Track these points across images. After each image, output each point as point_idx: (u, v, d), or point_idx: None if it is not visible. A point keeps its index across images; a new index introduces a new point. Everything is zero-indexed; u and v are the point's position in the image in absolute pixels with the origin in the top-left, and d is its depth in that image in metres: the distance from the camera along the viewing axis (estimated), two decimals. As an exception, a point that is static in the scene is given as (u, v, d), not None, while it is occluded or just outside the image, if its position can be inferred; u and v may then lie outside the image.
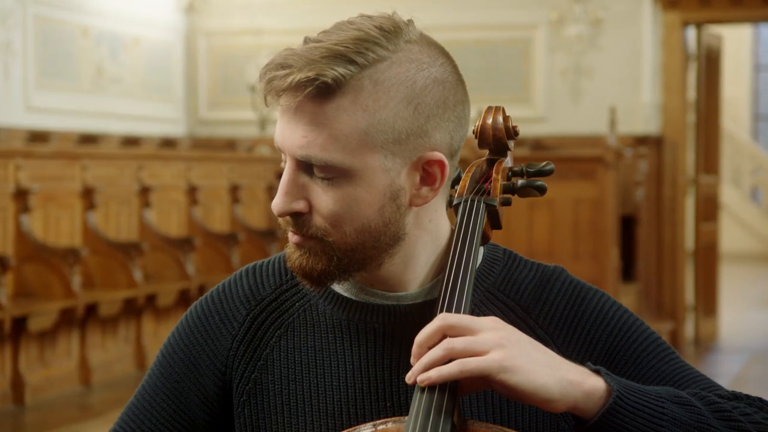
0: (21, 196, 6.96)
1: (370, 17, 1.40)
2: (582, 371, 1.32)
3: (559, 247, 8.08)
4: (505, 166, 1.54)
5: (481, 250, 1.52)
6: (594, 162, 8.11)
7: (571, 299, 1.49)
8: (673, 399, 1.35)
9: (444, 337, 1.30)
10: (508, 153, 1.56)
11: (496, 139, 1.53)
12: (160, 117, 10.37)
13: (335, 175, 1.38)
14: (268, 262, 1.56)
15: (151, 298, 7.74)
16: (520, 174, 1.54)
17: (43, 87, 8.90)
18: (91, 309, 7.21)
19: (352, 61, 1.36)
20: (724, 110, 11.81)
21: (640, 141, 9.36)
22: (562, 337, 1.48)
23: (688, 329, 9.50)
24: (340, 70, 1.35)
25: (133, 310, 7.66)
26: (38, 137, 8.67)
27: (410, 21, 1.42)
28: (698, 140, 9.79)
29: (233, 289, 1.54)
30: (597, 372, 1.33)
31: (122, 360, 7.59)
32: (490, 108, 1.55)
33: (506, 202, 1.51)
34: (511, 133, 1.54)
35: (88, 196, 7.53)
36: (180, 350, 1.53)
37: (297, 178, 1.40)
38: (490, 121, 1.53)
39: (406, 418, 1.32)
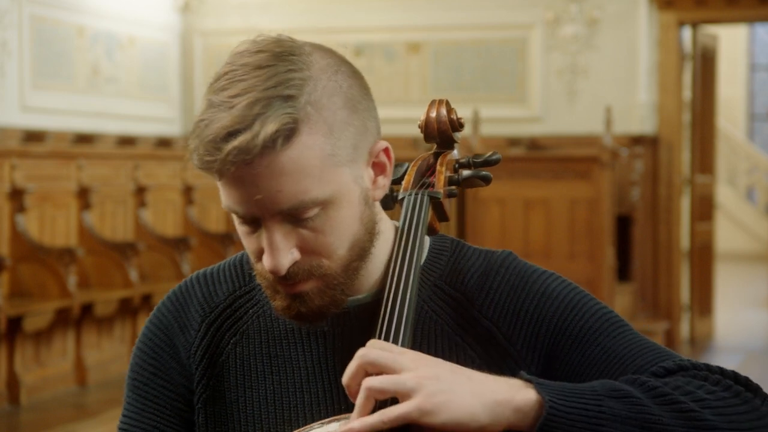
0: (16, 195, 6.96)
1: (257, 51, 1.35)
2: (512, 386, 1.29)
3: (555, 247, 8.08)
4: (450, 158, 1.54)
5: (428, 242, 1.50)
6: (590, 162, 8.12)
7: (515, 284, 1.46)
8: (611, 394, 1.31)
9: (366, 374, 1.27)
10: (455, 145, 1.56)
11: (441, 132, 1.54)
12: (155, 117, 10.36)
13: (319, 209, 1.35)
14: (219, 268, 1.54)
15: (146, 298, 7.73)
16: (467, 165, 1.54)
17: (39, 87, 8.89)
18: (87, 309, 7.20)
19: (289, 97, 1.32)
20: (720, 110, 11.81)
21: (636, 141, 9.36)
22: (507, 324, 1.45)
23: (684, 329, 9.51)
24: (289, 110, 1.31)
25: (128, 309, 7.65)
26: (34, 137, 8.66)
27: (284, 35, 1.39)
28: (694, 140, 9.80)
29: (186, 297, 1.52)
30: (529, 382, 1.29)
31: (118, 360, 7.58)
32: (433, 102, 1.55)
33: (452, 194, 1.51)
34: (456, 125, 1.55)
35: (83, 195, 7.53)
36: (150, 365, 1.50)
37: (281, 230, 1.35)
38: (434, 114, 1.54)
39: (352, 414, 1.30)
